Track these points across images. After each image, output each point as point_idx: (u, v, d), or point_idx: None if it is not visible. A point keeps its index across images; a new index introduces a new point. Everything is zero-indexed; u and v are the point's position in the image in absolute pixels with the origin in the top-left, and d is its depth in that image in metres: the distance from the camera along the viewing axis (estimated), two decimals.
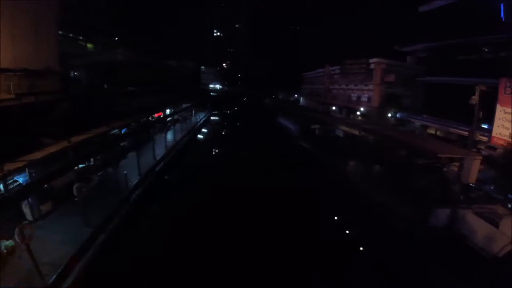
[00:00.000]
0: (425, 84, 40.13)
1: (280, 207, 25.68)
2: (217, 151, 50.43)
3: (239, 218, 23.22)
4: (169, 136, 41.67)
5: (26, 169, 16.25)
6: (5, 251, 13.39)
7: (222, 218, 23.07)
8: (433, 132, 33.29)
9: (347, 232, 22.39)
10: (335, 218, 24.62)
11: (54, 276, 13.03)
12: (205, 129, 65.76)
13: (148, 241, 19.66)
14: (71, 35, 27.42)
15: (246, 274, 16.96)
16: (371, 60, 47.00)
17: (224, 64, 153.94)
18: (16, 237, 11.87)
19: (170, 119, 46.25)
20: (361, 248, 20.05)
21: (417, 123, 36.52)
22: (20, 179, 16.18)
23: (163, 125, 41.60)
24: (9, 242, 13.70)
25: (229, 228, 21.23)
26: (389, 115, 42.71)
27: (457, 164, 21.70)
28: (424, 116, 35.91)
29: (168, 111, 46.76)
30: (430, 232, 19.04)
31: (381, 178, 27.11)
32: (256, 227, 21.68)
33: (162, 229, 21.54)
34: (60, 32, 22.10)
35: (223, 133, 68.19)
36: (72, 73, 26.90)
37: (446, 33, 33.55)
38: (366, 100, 48.82)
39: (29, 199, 16.23)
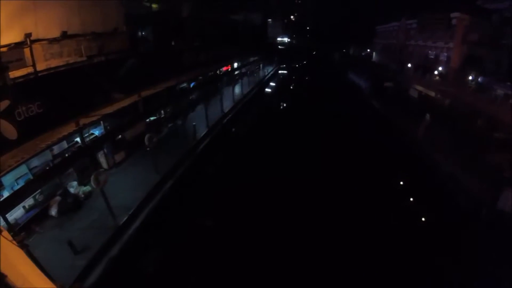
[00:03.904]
0: (511, 48, 31.44)
1: (343, 165, 23.74)
2: (284, 105, 48.07)
3: (301, 174, 22.29)
4: (237, 89, 40.80)
5: (101, 122, 16.79)
6: (82, 195, 14.18)
7: (285, 173, 22.14)
8: None
9: (409, 199, 19.38)
10: (398, 183, 21.58)
11: (126, 217, 13.49)
12: (273, 83, 63.26)
13: (211, 186, 19.84)
14: None
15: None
16: (452, 15, 38.84)
17: (292, 17, 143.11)
18: (92, 182, 12.26)
19: (237, 73, 45.15)
20: (422, 219, 17.25)
21: (500, 91, 29.30)
22: (96, 132, 16.80)
23: (231, 79, 40.77)
24: (86, 188, 14.48)
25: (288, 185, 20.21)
26: (470, 78, 35.42)
27: None
28: (509, 84, 28.51)
29: (235, 65, 45.46)
30: (496, 215, 15.18)
31: (453, 147, 22.73)
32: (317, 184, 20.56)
33: (225, 176, 21.48)
34: None
35: (291, 87, 64.81)
36: (139, 33, 26.77)
37: None
38: (445, 59, 41.00)
39: (104, 150, 16.93)
